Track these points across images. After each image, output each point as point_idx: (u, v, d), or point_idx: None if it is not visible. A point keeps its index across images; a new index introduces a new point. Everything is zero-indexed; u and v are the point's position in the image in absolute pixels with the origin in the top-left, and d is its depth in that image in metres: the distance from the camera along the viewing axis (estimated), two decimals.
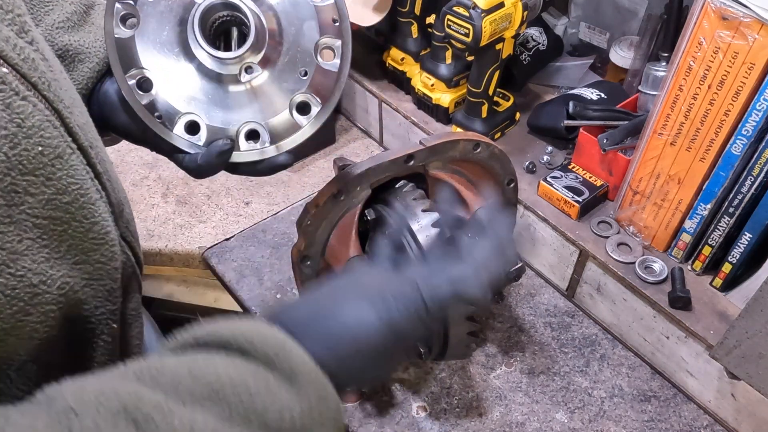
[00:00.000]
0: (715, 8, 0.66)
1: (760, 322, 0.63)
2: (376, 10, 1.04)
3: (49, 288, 0.37)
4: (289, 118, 0.61)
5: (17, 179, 0.35)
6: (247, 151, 0.60)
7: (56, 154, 0.37)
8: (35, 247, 0.36)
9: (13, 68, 0.36)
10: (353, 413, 0.81)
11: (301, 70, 0.60)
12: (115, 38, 0.55)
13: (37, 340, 0.37)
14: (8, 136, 0.34)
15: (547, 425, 0.80)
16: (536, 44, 1.08)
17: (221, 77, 0.58)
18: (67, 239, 0.39)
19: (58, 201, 0.37)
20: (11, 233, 0.34)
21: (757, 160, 0.70)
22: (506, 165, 0.78)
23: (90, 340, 0.43)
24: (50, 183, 0.37)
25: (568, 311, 0.93)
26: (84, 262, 0.40)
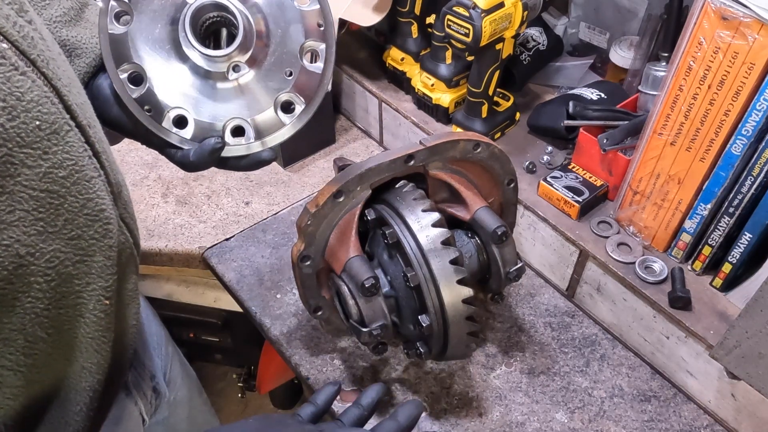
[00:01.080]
0: (715, 8, 0.66)
1: (760, 322, 0.63)
2: (376, 10, 1.04)
3: (36, 260, 0.38)
4: (274, 116, 0.63)
5: (14, 151, 0.35)
6: (233, 146, 0.63)
7: (53, 130, 0.38)
8: (29, 219, 0.37)
9: (13, 44, 0.37)
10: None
11: (287, 70, 0.62)
12: (108, 34, 0.57)
13: (20, 310, 0.38)
14: (6, 108, 0.35)
15: (547, 425, 0.80)
16: (536, 44, 1.08)
17: (210, 74, 0.60)
18: (62, 213, 0.39)
19: (54, 175, 0.38)
20: (2, 203, 0.35)
21: (757, 160, 0.70)
22: (506, 165, 0.78)
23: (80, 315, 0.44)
24: (47, 157, 0.38)
25: (568, 311, 0.93)
26: (78, 237, 0.41)
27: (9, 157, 0.35)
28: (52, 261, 0.39)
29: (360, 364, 0.86)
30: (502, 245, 0.73)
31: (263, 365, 1.43)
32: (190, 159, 0.61)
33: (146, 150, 0.69)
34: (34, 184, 0.37)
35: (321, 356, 0.87)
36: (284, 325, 0.90)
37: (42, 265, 0.38)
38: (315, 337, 0.89)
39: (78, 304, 0.43)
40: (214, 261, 1.00)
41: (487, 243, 0.74)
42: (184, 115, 0.61)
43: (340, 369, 0.86)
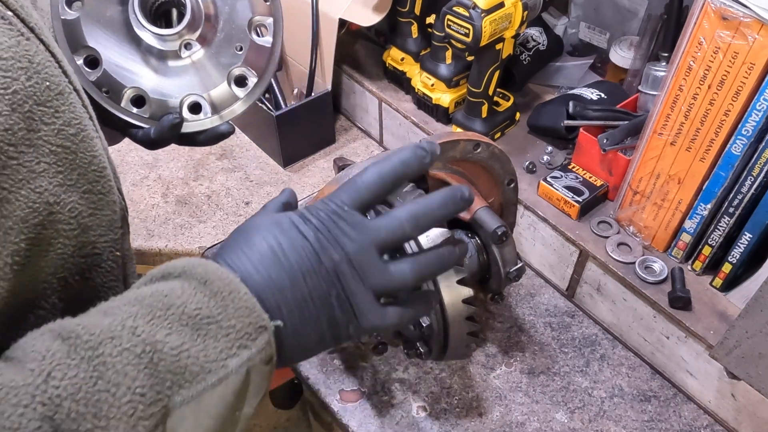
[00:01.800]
0: (715, 8, 0.66)
1: (760, 322, 0.63)
2: (376, 10, 1.05)
3: (61, 209, 0.41)
4: (228, 90, 0.66)
5: (34, 108, 0.39)
6: (191, 122, 0.66)
7: (59, 91, 0.41)
8: (51, 172, 0.40)
9: (14, 13, 0.40)
10: (353, 413, 0.81)
11: (237, 45, 0.65)
12: (61, 20, 0.59)
13: (53, 254, 0.42)
14: (23, 68, 0.38)
15: (547, 425, 0.80)
16: (536, 44, 1.08)
17: (163, 53, 0.63)
18: (76, 168, 0.42)
19: (65, 132, 0.41)
20: (31, 154, 0.38)
21: (757, 160, 0.70)
22: (506, 165, 0.78)
23: (97, 265, 0.47)
24: (58, 115, 0.41)
25: (568, 311, 0.93)
26: (90, 191, 0.44)
27: (31, 113, 0.38)
28: (72, 212, 0.42)
29: (360, 364, 0.86)
30: (502, 245, 0.73)
31: None
32: (151, 137, 0.64)
33: (146, 150, 0.69)
34: (51, 140, 0.40)
35: (321, 356, 0.87)
36: None
37: (66, 214, 0.41)
38: None
39: (94, 253, 0.46)
40: None
41: (487, 243, 0.74)
42: (141, 94, 0.63)
43: (340, 369, 0.86)
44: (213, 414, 0.40)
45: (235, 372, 0.40)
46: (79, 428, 0.34)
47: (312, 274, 0.44)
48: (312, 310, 0.44)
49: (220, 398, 0.40)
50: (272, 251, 0.44)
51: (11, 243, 0.37)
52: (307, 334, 0.45)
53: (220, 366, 0.40)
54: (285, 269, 0.44)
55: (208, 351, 0.39)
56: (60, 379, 0.34)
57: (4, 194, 0.36)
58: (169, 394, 0.37)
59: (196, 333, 0.39)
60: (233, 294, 0.41)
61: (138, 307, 0.39)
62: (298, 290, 0.44)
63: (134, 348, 0.37)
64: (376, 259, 0.45)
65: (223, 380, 0.40)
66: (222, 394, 0.40)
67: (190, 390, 0.38)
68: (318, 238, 0.44)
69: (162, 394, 0.37)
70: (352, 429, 0.80)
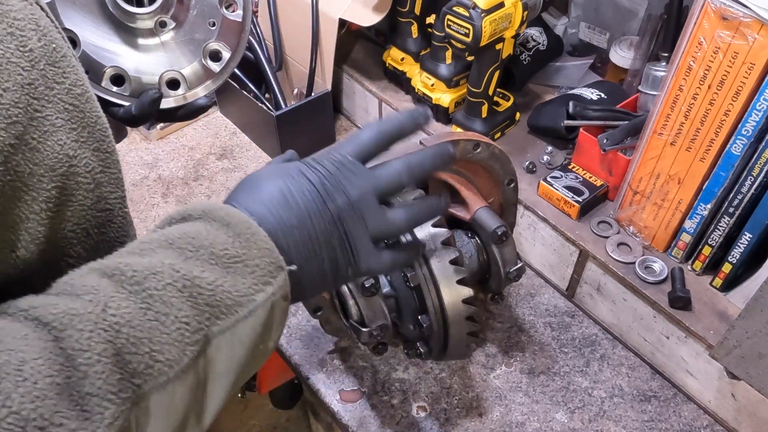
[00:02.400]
0: (715, 8, 0.66)
1: (760, 322, 0.63)
2: (376, 10, 1.04)
3: (78, 163, 0.43)
4: (204, 65, 0.70)
5: (46, 68, 0.41)
6: (170, 98, 0.69)
7: (63, 53, 0.43)
8: (67, 128, 0.43)
9: None
10: (353, 413, 0.81)
11: (210, 21, 0.69)
12: None
13: (76, 205, 0.44)
14: (34, 30, 0.40)
15: (547, 425, 0.80)
16: (536, 44, 1.08)
17: (138, 32, 0.66)
18: (86, 126, 0.45)
19: (74, 92, 0.44)
20: (50, 109, 0.41)
21: (757, 160, 0.70)
22: (506, 165, 0.78)
23: (110, 220, 0.49)
24: (66, 75, 0.43)
25: (568, 311, 0.93)
26: (99, 150, 0.46)
27: (46, 71, 0.41)
28: (87, 167, 0.45)
29: (360, 364, 0.86)
30: (502, 245, 0.73)
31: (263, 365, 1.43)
32: (132, 113, 0.66)
33: (146, 150, 0.70)
34: (63, 98, 0.42)
35: (321, 356, 0.87)
36: None
37: (82, 168, 0.44)
38: (315, 337, 0.89)
39: (107, 209, 0.48)
40: None
41: (487, 243, 0.74)
42: (120, 73, 0.66)
43: (340, 369, 0.86)
44: (245, 343, 0.43)
45: (262, 305, 0.44)
46: (138, 351, 0.37)
47: (317, 217, 0.48)
48: (317, 250, 0.49)
49: (251, 329, 0.44)
50: (282, 195, 0.48)
51: (44, 190, 0.40)
52: (312, 273, 0.49)
53: (250, 300, 0.43)
54: (294, 211, 0.48)
55: (238, 286, 0.43)
56: (115, 308, 0.38)
57: (34, 144, 0.39)
58: (208, 325, 0.41)
59: (225, 271, 0.43)
60: (255, 236, 0.45)
61: (171, 250, 0.43)
62: (305, 231, 0.48)
63: (176, 283, 0.40)
64: (375, 205, 0.50)
65: (252, 312, 0.43)
66: (252, 325, 0.44)
67: (226, 321, 0.42)
68: (323, 184, 0.49)
69: (202, 324, 0.41)
70: (352, 429, 0.80)
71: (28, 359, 0.33)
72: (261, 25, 1.21)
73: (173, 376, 0.39)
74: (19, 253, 0.40)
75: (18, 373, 0.33)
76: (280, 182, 0.49)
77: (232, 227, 0.45)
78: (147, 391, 0.38)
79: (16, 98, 0.38)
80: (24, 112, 0.38)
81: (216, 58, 0.71)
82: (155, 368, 0.38)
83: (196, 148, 1.20)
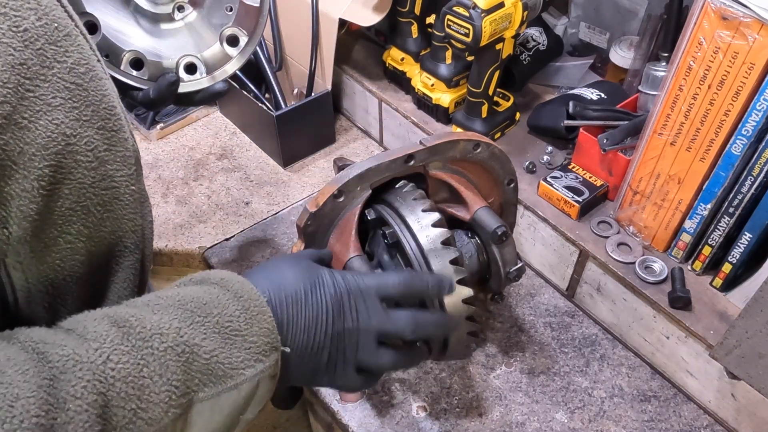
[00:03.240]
0: (715, 8, 0.66)
1: (760, 322, 0.63)
2: (376, 10, 1.05)
3: (78, 142, 0.44)
4: (221, 50, 0.71)
5: (45, 46, 0.42)
6: (188, 82, 0.70)
7: (66, 32, 0.44)
8: (67, 106, 0.43)
9: None
10: (353, 413, 0.81)
11: (227, 6, 0.70)
12: None
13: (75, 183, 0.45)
14: (32, 9, 0.41)
15: (547, 425, 0.80)
16: (536, 44, 1.08)
17: (157, 17, 0.68)
18: (89, 105, 0.46)
19: (76, 71, 0.45)
20: (46, 89, 0.42)
21: (757, 160, 0.70)
22: (506, 165, 0.78)
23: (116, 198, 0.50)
24: (68, 54, 0.44)
25: (568, 311, 0.93)
26: (103, 128, 0.47)
27: (43, 51, 0.41)
28: (89, 145, 0.45)
29: None
30: (502, 245, 0.73)
31: None
32: (150, 97, 0.68)
33: (146, 150, 0.71)
34: (64, 77, 0.43)
35: None
36: None
37: (83, 146, 0.45)
38: None
39: (113, 187, 0.49)
40: (214, 261, 1.00)
41: (487, 243, 0.74)
42: (139, 57, 0.67)
43: None
44: (225, 413, 0.46)
45: (249, 380, 0.47)
46: (125, 406, 0.40)
47: (325, 321, 0.53)
48: (315, 346, 0.53)
49: (233, 400, 0.46)
50: (303, 290, 0.53)
51: (36, 168, 0.41)
52: (307, 362, 0.53)
53: (239, 373, 0.46)
54: (307, 308, 0.52)
55: (233, 359, 0.46)
56: (116, 362, 0.40)
57: (25, 123, 0.40)
58: (195, 390, 0.44)
59: (225, 342, 0.46)
60: (260, 315, 0.48)
61: (182, 311, 0.46)
62: (311, 326, 0.52)
63: (176, 347, 0.43)
64: (372, 343, 0.55)
65: (238, 385, 0.46)
66: (236, 397, 0.46)
67: (212, 389, 0.45)
68: (342, 299, 0.54)
69: (190, 389, 0.43)
70: (352, 429, 0.80)
71: (21, 396, 0.35)
72: None
73: None
74: (11, 230, 0.41)
75: (9, 409, 0.35)
76: (306, 278, 0.54)
77: (242, 301, 0.48)
78: None
79: (5, 78, 0.38)
80: (14, 92, 0.39)
81: (233, 43, 0.71)
82: (136, 425, 0.40)
83: (196, 148, 1.20)
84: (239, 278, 0.50)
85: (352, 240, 0.69)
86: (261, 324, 0.48)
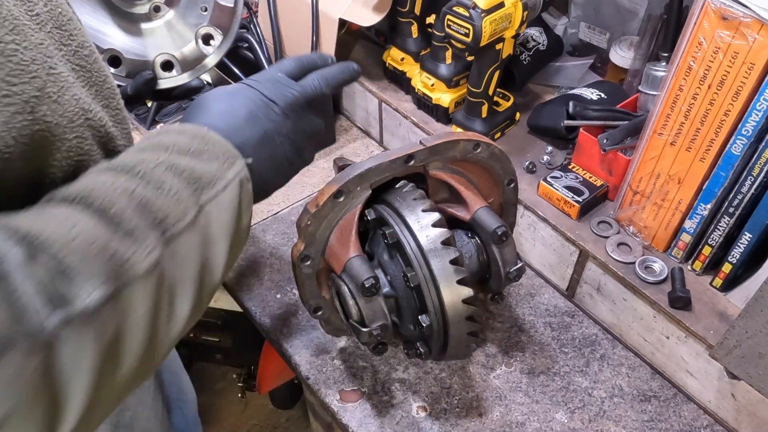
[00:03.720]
0: (715, 8, 0.66)
1: (760, 322, 0.63)
2: (376, 10, 1.04)
3: (93, 116, 0.48)
4: (197, 48, 0.75)
5: (53, 30, 0.45)
6: (164, 79, 0.73)
7: (69, 17, 0.47)
8: (79, 84, 0.47)
9: None
10: (353, 413, 0.81)
11: (202, 6, 0.74)
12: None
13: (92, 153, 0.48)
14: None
15: (547, 425, 0.80)
16: (536, 44, 1.08)
17: (135, 16, 0.71)
18: (94, 84, 0.49)
19: (80, 53, 0.48)
20: (63, 66, 0.45)
21: (757, 160, 0.70)
22: (506, 165, 0.78)
23: None
24: (73, 38, 0.47)
25: (568, 311, 0.93)
26: (108, 106, 0.51)
27: (52, 34, 0.44)
28: (101, 120, 0.49)
29: (360, 364, 0.86)
30: (502, 245, 0.73)
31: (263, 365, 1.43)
32: (128, 93, 0.71)
33: None
34: (71, 59, 0.47)
35: (321, 356, 0.87)
36: (284, 325, 0.90)
37: (96, 121, 0.48)
38: (315, 337, 0.89)
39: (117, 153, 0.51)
40: None
41: (487, 243, 0.74)
42: (117, 55, 0.70)
43: (340, 369, 0.86)
44: (228, 211, 0.50)
45: (233, 180, 0.50)
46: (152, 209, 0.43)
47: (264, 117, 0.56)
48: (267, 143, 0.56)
49: (230, 200, 0.50)
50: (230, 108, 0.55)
51: (67, 140, 0.45)
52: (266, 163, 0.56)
53: (223, 176, 0.49)
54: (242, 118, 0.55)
55: (211, 167, 0.49)
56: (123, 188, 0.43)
57: (55, 97, 0.43)
58: (198, 194, 0.47)
59: (195, 158, 0.48)
60: (208, 136, 0.51)
61: (145, 152, 0.47)
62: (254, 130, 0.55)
63: (161, 164, 0.46)
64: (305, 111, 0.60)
65: (227, 186, 0.49)
66: (230, 197, 0.50)
67: (210, 192, 0.48)
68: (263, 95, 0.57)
69: (193, 194, 0.47)
70: (352, 429, 0.80)
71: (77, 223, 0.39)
72: (261, 25, 1.21)
73: (183, 227, 0.45)
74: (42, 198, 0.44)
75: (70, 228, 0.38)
76: (228, 99, 0.56)
77: (185, 133, 0.51)
78: (169, 237, 0.43)
79: (33, 55, 0.41)
80: (42, 68, 0.42)
81: (209, 40, 0.75)
82: (170, 218, 0.44)
83: None
84: (173, 125, 0.53)
85: (352, 240, 0.69)
86: (213, 141, 0.51)
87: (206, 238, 0.47)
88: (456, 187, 0.75)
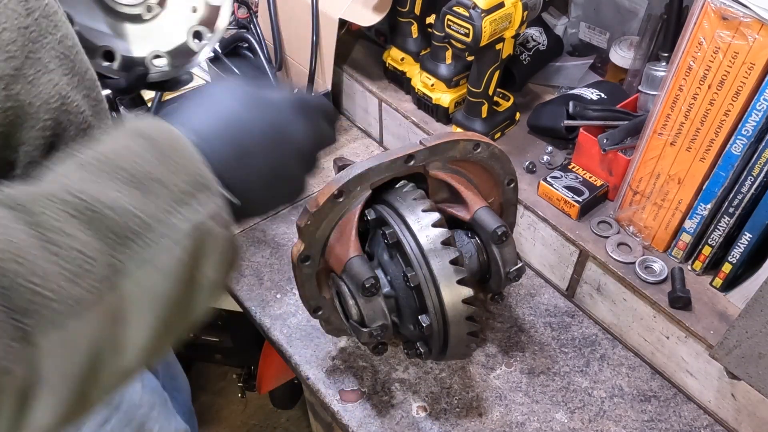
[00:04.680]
0: (715, 8, 0.66)
1: (760, 322, 0.63)
2: (376, 10, 1.04)
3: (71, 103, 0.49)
4: (187, 45, 0.79)
5: (40, 19, 0.47)
6: (155, 73, 0.78)
7: (54, 10, 0.49)
8: (61, 71, 0.48)
9: None
10: (353, 413, 0.81)
11: (192, 6, 0.78)
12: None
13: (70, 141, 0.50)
14: None
15: (547, 425, 0.80)
16: (536, 44, 1.08)
17: (127, 16, 0.74)
18: (76, 73, 0.51)
19: (64, 44, 0.49)
20: (44, 53, 0.47)
21: (757, 160, 0.70)
22: (506, 165, 0.78)
23: None
24: (58, 28, 0.49)
25: (568, 311, 0.93)
26: (88, 96, 0.52)
27: (39, 21, 0.46)
28: (79, 108, 0.50)
29: (360, 364, 0.86)
30: (502, 245, 0.73)
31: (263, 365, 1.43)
32: (123, 85, 0.76)
33: None
34: (56, 47, 0.48)
35: (321, 356, 0.87)
36: (284, 325, 0.90)
37: (74, 108, 0.50)
38: (315, 337, 0.89)
39: None
40: None
41: (487, 243, 0.74)
42: (111, 51, 0.74)
43: (340, 369, 0.86)
44: (171, 266, 0.40)
45: (187, 223, 0.41)
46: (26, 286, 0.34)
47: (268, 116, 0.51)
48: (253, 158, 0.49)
49: (174, 255, 0.40)
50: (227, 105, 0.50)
51: (41, 119, 0.46)
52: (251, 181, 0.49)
53: (169, 220, 0.40)
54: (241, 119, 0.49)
55: (156, 205, 0.40)
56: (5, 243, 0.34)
57: (31, 78, 0.45)
58: (113, 255, 0.37)
59: (135, 189, 0.39)
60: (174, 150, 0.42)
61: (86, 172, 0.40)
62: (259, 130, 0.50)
63: (72, 203, 0.37)
64: None
65: (175, 233, 0.40)
66: (174, 251, 0.40)
67: (137, 247, 0.39)
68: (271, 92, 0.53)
69: (107, 253, 0.37)
70: (352, 429, 0.80)
71: None
72: (261, 25, 1.21)
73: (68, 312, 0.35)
74: (16, 173, 0.46)
75: None
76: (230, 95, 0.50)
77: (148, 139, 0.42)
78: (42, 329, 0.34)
79: (13, 37, 0.43)
80: (21, 50, 0.44)
81: (198, 38, 0.79)
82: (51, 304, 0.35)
83: None
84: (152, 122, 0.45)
85: (352, 240, 0.69)
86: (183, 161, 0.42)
87: (117, 314, 0.38)
88: (456, 187, 0.75)
